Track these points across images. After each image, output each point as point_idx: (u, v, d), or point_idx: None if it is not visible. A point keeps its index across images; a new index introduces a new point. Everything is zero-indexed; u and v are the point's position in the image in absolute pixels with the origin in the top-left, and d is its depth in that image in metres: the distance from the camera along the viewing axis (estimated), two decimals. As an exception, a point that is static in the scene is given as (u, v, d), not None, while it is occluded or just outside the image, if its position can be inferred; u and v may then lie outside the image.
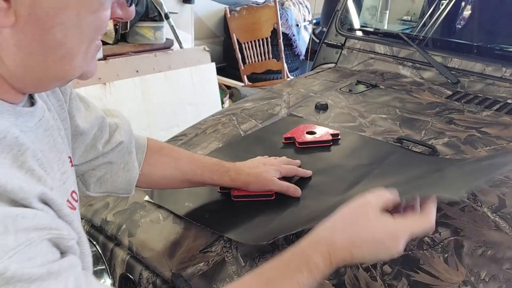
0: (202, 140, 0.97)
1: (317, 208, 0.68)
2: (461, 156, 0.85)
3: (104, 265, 0.73)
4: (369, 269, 0.58)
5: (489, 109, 1.08)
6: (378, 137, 0.94)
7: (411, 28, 1.86)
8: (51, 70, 0.40)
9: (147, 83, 2.06)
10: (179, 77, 2.21)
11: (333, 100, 1.17)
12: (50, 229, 0.35)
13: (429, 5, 1.72)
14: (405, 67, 1.34)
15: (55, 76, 0.41)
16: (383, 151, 0.86)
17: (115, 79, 1.94)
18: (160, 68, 2.14)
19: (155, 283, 0.63)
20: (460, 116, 1.05)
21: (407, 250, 0.61)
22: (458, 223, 0.66)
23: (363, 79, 1.30)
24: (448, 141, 0.91)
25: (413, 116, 1.05)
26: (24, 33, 0.36)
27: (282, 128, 0.96)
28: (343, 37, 1.51)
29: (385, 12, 2.04)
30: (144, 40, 2.17)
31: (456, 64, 1.25)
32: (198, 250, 0.64)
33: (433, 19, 1.57)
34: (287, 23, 3.28)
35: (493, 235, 0.64)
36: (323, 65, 1.55)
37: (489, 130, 0.97)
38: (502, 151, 0.87)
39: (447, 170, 0.74)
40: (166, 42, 2.30)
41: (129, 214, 0.73)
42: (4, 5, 0.34)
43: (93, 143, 0.61)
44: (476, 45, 1.37)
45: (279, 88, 1.30)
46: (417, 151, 0.86)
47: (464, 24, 1.68)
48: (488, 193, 0.73)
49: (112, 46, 2.10)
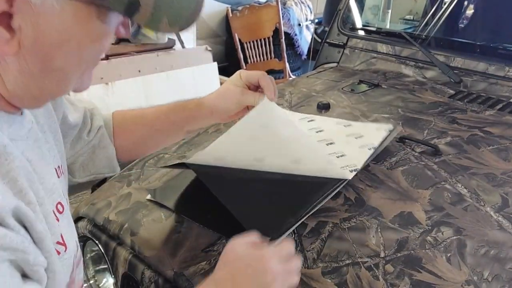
0: (204, 139, 0.97)
1: (299, 195, 0.69)
2: (464, 155, 0.85)
3: (106, 264, 0.74)
4: (372, 268, 0.58)
5: (492, 109, 1.08)
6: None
7: (414, 27, 1.86)
8: (48, 89, 0.41)
9: (149, 83, 2.06)
10: (181, 77, 2.21)
11: (335, 99, 1.16)
12: (15, 251, 0.35)
13: (432, 4, 1.72)
14: (408, 67, 1.34)
15: (50, 94, 0.42)
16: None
17: (117, 79, 1.95)
18: (162, 68, 2.14)
19: (157, 282, 0.63)
20: (463, 115, 1.05)
21: (409, 249, 0.61)
22: (460, 222, 0.66)
23: (365, 79, 1.30)
24: (450, 141, 0.91)
25: (415, 115, 1.05)
26: (26, 61, 0.37)
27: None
28: (345, 37, 1.51)
29: (387, 11, 2.03)
30: (146, 40, 2.17)
31: (459, 63, 1.25)
32: (200, 249, 0.64)
33: (436, 18, 1.57)
34: (289, 22, 3.27)
35: (496, 235, 0.63)
36: (325, 65, 1.55)
37: (492, 130, 0.96)
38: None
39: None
40: (168, 42, 2.30)
41: (131, 213, 0.73)
42: (7, 35, 0.35)
43: (79, 135, 0.64)
44: (479, 44, 1.36)
45: (281, 87, 1.30)
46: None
47: (466, 23, 1.67)
48: (491, 192, 0.73)
49: (114, 46, 2.10)
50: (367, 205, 0.71)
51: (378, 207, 0.70)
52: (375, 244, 0.62)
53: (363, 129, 0.90)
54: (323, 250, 0.62)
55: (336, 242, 0.63)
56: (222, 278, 0.48)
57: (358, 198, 0.72)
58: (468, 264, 0.58)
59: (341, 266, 0.59)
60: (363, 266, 0.58)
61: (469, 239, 0.63)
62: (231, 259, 0.49)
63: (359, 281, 0.56)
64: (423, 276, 0.56)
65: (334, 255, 0.61)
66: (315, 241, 0.63)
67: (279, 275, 0.47)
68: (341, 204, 0.71)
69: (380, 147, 0.82)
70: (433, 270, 0.57)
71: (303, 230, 0.65)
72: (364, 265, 0.59)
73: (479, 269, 0.57)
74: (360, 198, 0.72)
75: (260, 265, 0.47)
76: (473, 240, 0.62)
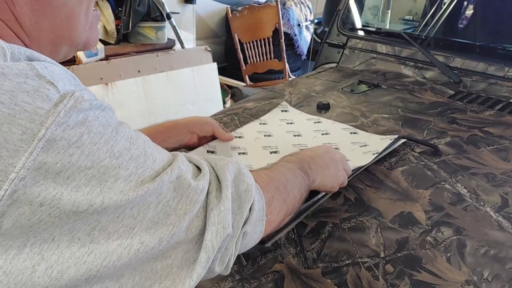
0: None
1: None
2: (464, 155, 0.85)
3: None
4: (372, 268, 0.58)
5: (492, 109, 1.08)
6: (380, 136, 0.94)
7: (413, 28, 1.86)
8: (60, 30, 0.43)
9: (149, 83, 2.06)
10: (181, 77, 2.21)
11: (335, 100, 1.16)
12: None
13: (431, 5, 1.72)
14: (407, 67, 1.34)
15: (63, 36, 0.44)
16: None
17: (117, 79, 1.95)
18: (162, 68, 2.15)
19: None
20: (462, 115, 1.05)
21: (409, 249, 0.61)
22: (460, 222, 0.66)
23: (365, 79, 1.30)
24: (450, 141, 0.91)
25: (415, 115, 1.05)
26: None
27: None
28: (345, 37, 1.51)
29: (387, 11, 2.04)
30: (146, 40, 2.17)
31: (459, 63, 1.25)
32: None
33: (435, 19, 1.57)
34: (289, 23, 3.28)
35: (496, 235, 0.63)
36: (325, 65, 1.55)
37: (492, 130, 0.96)
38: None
39: None
40: (168, 42, 2.30)
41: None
42: None
43: None
44: (479, 45, 1.37)
45: (281, 88, 1.30)
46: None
47: (466, 23, 1.67)
48: (491, 192, 0.73)
49: (114, 46, 2.11)
50: (367, 205, 0.71)
51: (378, 207, 0.70)
52: (375, 244, 0.62)
53: (368, 138, 0.90)
54: (323, 250, 0.62)
55: (336, 242, 0.63)
56: (302, 152, 0.65)
57: (358, 198, 0.72)
58: (468, 264, 0.58)
59: (341, 266, 0.59)
60: (363, 266, 0.58)
61: (469, 239, 0.63)
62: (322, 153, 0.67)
63: (359, 281, 0.57)
64: (423, 276, 0.56)
65: (334, 255, 0.61)
66: (315, 241, 0.63)
67: (342, 159, 0.68)
68: (341, 204, 0.71)
69: (383, 153, 0.82)
70: (433, 270, 0.57)
71: (303, 230, 0.65)
72: (364, 265, 0.59)
73: (479, 269, 0.57)
74: (360, 198, 0.73)
75: (330, 148, 0.69)
76: (473, 240, 0.62)
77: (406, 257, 0.59)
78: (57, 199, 0.30)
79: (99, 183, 0.32)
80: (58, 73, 0.33)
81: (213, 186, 0.42)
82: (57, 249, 0.32)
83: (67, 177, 0.31)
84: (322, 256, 0.61)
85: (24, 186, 0.29)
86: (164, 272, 0.38)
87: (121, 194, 0.33)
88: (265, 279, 0.57)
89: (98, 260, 0.33)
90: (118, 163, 0.34)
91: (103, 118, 0.34)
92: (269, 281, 0.57)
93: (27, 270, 0.31)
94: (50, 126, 0.30)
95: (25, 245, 0.31)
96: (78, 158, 0.31)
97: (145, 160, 0.36)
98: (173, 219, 0.37)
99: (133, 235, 0.35)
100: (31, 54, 0.35)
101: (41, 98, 0.30)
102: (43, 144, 0.29)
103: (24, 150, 0.29)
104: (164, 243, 0.36)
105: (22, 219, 0.30)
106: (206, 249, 0.39)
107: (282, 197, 0.53)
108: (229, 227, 0.41)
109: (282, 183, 0.54)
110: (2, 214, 0.29)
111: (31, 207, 0.30)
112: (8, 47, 0.33)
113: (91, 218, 0.32)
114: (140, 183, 0.35)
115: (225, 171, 0.44)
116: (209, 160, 0.46)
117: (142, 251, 0.35)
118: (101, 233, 0.33)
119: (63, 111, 0.31)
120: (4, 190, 0.28)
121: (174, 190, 0.38)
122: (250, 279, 0.57)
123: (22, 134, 0.29)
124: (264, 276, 0.57)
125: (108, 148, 0.33)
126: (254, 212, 0.45)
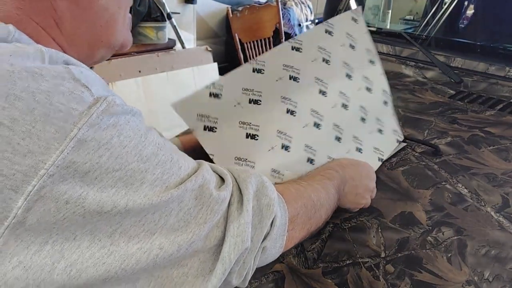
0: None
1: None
2: (464, 155, 0.85)
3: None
4: (372, 268, 0.58)
5: (493, 109, 1.08)
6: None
7: (414, 28, 1.86)
8: (99, 34, 0.44)
9: (149, 83, 2.06)
10: (181, 77, 2.21)
11: (335, 99, 1.16)
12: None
13: (432, 5, 1.72)
14: (408, 67, 1.34)
15: (101, 39, 0.45)
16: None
17: (117, 79, 1.95)
18: (163, 68, 2.15)
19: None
20: (463, 115, 1.05)
21: (410, 249, 0.61)
22: (461, 222, 0.66)
23: (365, 79, 1.30)
24: (451, 141, 0.91)
25: (416, 115, 1.05)
26: (76, 4, 0.41)
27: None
28: (346, 37, 1.51)
29: (388, 11, 2.03)
30: (146, 40, 2.17)
31: (459, 63, 1.25)
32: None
33: (436, 19, 1.57)
34: (289, 23, 3.28)
35: (497, 235, 0.63)
36: (326, 65, 1.55)
37: (493, 130, 0.96)
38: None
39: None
40: (169, 42, 2.30)
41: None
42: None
43: None
44: (479, 45, 1.36)
45: (281, 87, 1.29)
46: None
47: (467, 23, 1.67)
48: (492, 192, 0.73)
49: (115, 46, 2.10)
50: (367, 205, 0.71)
51: (379, 207, 0.70)
52: (375, 244, 0.62)
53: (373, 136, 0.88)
54: (323, 250, 0.62)
55: (336, 242, 0.63)
56: (344, 165, 0.65)
57: (359, 198, 0.72)
58: (469, 264, 0.58)
59: (342, 266, 0.59)
60: (363, 266, 0.58)
61: (470, 239, 0.62)
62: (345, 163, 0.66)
63: (359, 281, 0.56)
64: (424, 276, 0.56)
65: (335, 255, 0.61)
66: (315, 241, 0.63)
67: (374, 188, 0.68)
68: (342, 204, 0.71)
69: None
70: (434, 270, 0.57)
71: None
72: (365, 265, 0.58)
73: (479, 269, 0.57)
74: (360, 198, 0.72)
75: (372, 173, 0.68)
76: (473, 240, 0.62)
77: (406, 257, 0.59)
78: (83, 198, 0.31)
79: (125, 186, 0.33)
80: (93, 78, 0.34)
81: (235, 198, 0.42)
82: (77, 248, 0.32)
83: (95, 178, 0.31)
84: (323, 256, 0.61)
85: (52, 183, 0.30)
86: (179, 280, 0.38)
87: (145, 198, 0.34)
88: (266, 279, 0.57)
89: (117, 263, 0.33)
90: (145, 167, 0.34)
91: (133, 123, 0.35)
92: (270, 281, 0.57)
93: (47, 266, 0.31)
94: (82, 126, 0.31)
95: (46, 242, 0.31)
96: (107, 159, 0.32)
97: (171, 166, 0.37)
98: (193, 227, 0.37)
99: (153, 240, 0.35)
100: (68, 59, 0.36)
101: (76, 100, 0.31)
102: (74, 143, 0.30)
103: (55, 148, 0.30)
104: (183, 250, 0.37)
105: (47, 216, 0.30)
106: (223, 261, 0.39)
107: (308, 214, 0.53)
108: (248, 241, 0.41)
109: (311, 201, 0.54)
110: (28, 209, 0.29)
111: (57, 204, 0.30)
112: (46, 51, 0.34)
113: (114, 220, 0.33)
114: (165, 189, 0.35)
115: (247, 184, 0.44)
116: (233, 171, 0.46)
117: (161, 256, 0.35)
118: (122, 236, 0.34)
119: (96, 113, 0.32)
120: (32, 185, 0.29)
121: (196, 198, 0.38)
122: (250, 279, 0.57)
123: (55, 132, 0.30)
124: (265, 276, 0.57)
125: (137, 152, 0.34)
126: (275, 227, 0.45)
